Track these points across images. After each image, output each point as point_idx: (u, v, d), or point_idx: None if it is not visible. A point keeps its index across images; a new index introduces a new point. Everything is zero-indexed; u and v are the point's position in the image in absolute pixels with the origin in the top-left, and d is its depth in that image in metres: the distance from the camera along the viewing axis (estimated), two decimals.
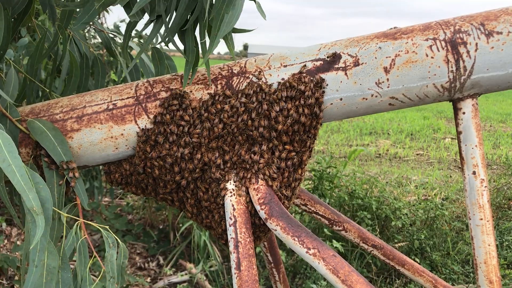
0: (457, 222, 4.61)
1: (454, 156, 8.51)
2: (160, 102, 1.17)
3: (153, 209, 4.82)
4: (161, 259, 4.31)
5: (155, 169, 1.18)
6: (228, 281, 4.00)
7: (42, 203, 0.88)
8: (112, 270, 1.03)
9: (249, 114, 1.12)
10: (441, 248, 4.30)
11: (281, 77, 1.14)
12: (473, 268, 3.99)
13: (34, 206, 0.81)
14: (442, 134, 10.43)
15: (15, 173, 0.81)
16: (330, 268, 1.01)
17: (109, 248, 1.05)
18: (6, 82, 1.26)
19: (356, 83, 1.11)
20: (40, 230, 0.81)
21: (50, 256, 0.91)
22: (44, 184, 0.91)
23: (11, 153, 0.83)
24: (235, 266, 1.06)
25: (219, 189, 1.15)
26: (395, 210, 4.46)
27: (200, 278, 3.82)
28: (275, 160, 1.15)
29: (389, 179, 6.46)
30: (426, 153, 8.69)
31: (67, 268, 0.99)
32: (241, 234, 1.08)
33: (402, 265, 1.57)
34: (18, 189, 0.80)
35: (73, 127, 1.18)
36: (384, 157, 8.40)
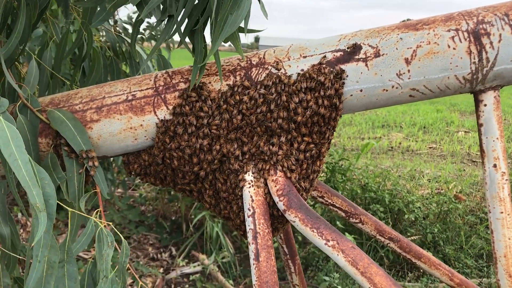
0: (470, 216, 4.57)
1: (467, 149, 8.42)
2: (179, 93, 1.17)
3: (166, 200, 4.85)
4: (174, 250, 4.35)
5: (174, 160, 1.18)
6: (240, 272, 4.02)
7: (46, 199, 0.87)
8: (106, 269, 1.01)
9: (268, 106, 1.12)
10: (454, 242, 4.27)
11: (301, 68, 1.13)
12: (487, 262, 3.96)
13: (38, 202, 0.81)
14: (455, 127, 10.32)
15: (21, 168, 0.81)
16: (349, 260, 1.01)
17: (106, 247, 1.03)
18: (27, 73, 1.27)
19: (376, 74, 1.10)
20: (42, 226, 0.81)
21: (52, 251, 0.92)
22: (49, 180, 0.90)
23: (18, 147, 0.83)
24: (254, 257, 1.06)
25: (237, 180, 1.15)
26: (408, 204, 4.44)
27: (213, 269, 3.84)
28: (294, 152, 1.14)
29: (401, 172, 6.42)
30: (439, 146, 8.61)
31: (73, 262, 0.98)
32: (260, 225, 1.09)
33: (418, 258, 1.56)
34: (23, 184, 0.80)
35: (93, 117, 1.19)
36: (397, 150, 8.35)
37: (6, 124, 0.87)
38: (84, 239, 1.00)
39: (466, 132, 9.82)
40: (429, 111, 11.98)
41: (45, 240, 0.88)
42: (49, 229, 0.88)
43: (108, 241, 1.00)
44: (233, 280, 3.91)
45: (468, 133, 9.77)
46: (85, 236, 1.00)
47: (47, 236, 0.87)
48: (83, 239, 1.01)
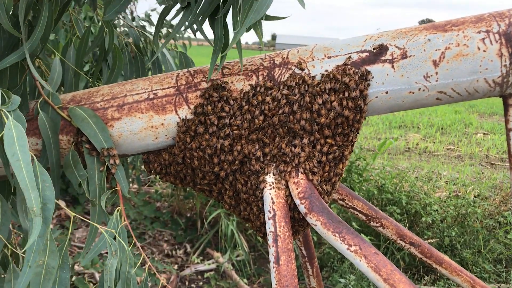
0: (489, 220, 4.49)
1: (486, 152, 8.28)
2: (201, 92, 1.16)
3: (181, 197, 4.87)
4: (188, 247, 4.36)
5: (194, 159, 1.17)
6: (255, 271, 4.01)
7: (44, 202, 0.85)
8: (110, 280, 0.99)
9: (290, 106, 1.10)
10: (472, 246, 4.20)
11: (325, 69, 1.11)
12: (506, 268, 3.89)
13: (34, 206, 0.79)
14: (473, 129, 10.16)
15: (22, 169, 0.79)
16: (372, 266, 0.98)
17: (110, 256, 1.01)
18: (51, 71, 1.27)
19: (403, 76, 1.07)
20: (35, 231, 0.78)
21: (51, 256, 0.90)
22: (50, 183, 0.87)
23: (22, 147, 0.81)
24: (274, 260, 1.05)
25: (258, 182, 1.13)
26: (425, 206, 4.38)
27: (227, 268, 3.84)
28: (316, 154, 1.12)
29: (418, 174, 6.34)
30: (457, 148, 8.49)
31: (67, 268, 0.95)
32: (280, 228, 1.07)
33: (439, 263, 1.53)
34: (21, 185, 0.78)
35: (114, 115, 1.18)
36: (414, 151, 8.25)
37: (14, 124, 0.85)
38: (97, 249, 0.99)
39: (485, 134, 9.66)
40: (447, 112, 11.82)
41: (38, 245, 0.85)
42: (43, 234, 0.85)
43: (112, 250, 0.98)
44: (247, 279, 3.90)
45: (487, 135, 9.61)
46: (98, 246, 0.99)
47: (40, 241, 0.85)
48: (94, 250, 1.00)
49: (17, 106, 0.86)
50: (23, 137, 0.80)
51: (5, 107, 0.84)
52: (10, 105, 0.85)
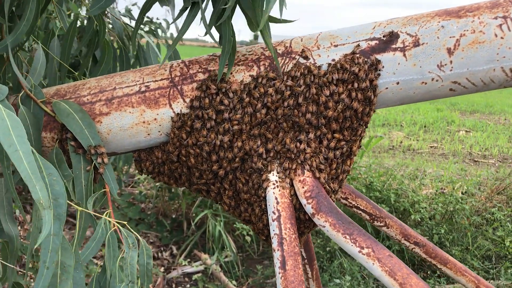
0: (476, 217, 4.49)
1: (469, 149, 8.36)
2: (198, 84, 1.07)
3: (166, 198, 4.75)
4: (175, 248, 4.25)
5: (191, 157, 1.08)
6: (243, 272, 3.92)
7: (55, 198, 0.78)
8: (132, 274, 0.93)
9: (295, 99, 1.02)
10: (460, 243, 4.19)
11: (332, 58, 1.04)
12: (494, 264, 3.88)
13: (41, 198, 0.71)
14: (456, 126, 10.26)
15: (22, 160, 0.70)
16: (386, 269, 0.91)
17: (128, 249, 0.94)
18: (34, 62, 1.17)
19: (415, 66, 1.00)
20: (47, 226, 0.70)
21: (65, 254, 0.82)
22: (58, 176, 0.80)
23: (19, 137, 0.72)
24: (280, 265, 0.97)
25: (260, 181, 1.05)
26: (414, 204, 4.36)
27: (215, 269, 3.75)
28: (323, 150, 1.04)
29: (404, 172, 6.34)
30: (441, 145, 8.54)
31: (79, 268, 0.88)
32: (286, 230, 0.99)
33: (444, 264, 1.47)
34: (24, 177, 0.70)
35: (102, 110, 1.09)
36: (398, 149, 8.28)
37: (7, 113, 0.77)
38: (95, 243, 0.90)
39: (467, 132, 9.76)
40: (429, 110, 11.92)
41: (54, 244, 0.77)
42: (59, 231, 0.78)
43: (129, 242, 0.90)
44: (235, 281, 3.81)
45: (469, 132, 9.71)
46: (96, 240, 0.90)
47: (56, 239, 0.77)
48: (94, 243, 0.91)
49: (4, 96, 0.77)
50: (19, 127, 0.71)
51: None
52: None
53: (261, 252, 4.28)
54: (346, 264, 3.77)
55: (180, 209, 4.68)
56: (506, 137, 9.19)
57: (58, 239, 0.76)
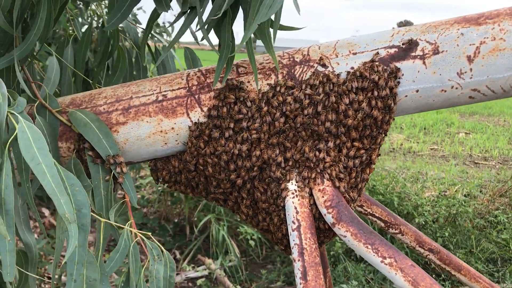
0: (479, 219, 4.49)
1: (469, 151, 8.36)
2: (215, 93, 1.06)
3: (169, 202, 4.74)
4: (178, 253, 4.23)
5: (209, 166, 1.08)
6: (247, 276, 3.91)
7: (78, 208, 0.77)
8: None
9: (314, 107, 1.02)
10: (464, 246, 4.19)
11: (350, 66, 1.03)
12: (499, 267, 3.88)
13: (66, 212, 0.70)
14: (456, 128, 10.27)
15: (45, 173, 0.70)
16: (409, 279, 0.90)
17: (153, 262, 0.94)
18: (47, 71, 1.16)
19: (435, 73, 1.00)
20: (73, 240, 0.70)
21: (89, 267, 0.81)
22: (80, 187, 0.79)
23: (41, 150, 0.72)
24: (301, 276, 0.96)
25: (279, 190, 1.04)
26: (417, 207, 4.36)
27: (220, 274, 3.73)
28: (342, 159, 1.04)
29: (405, 175, 6.34)
30: (441, 148, 8.54)
31: (106, 281, 0.87)
32: (306, 240, 0.98)
33: (458, 270, 1.47)
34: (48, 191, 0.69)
35: (119, 120, 1.08)
36: (398, 151, 8.27)
37: (27, 125, 0.77)
38: (119, 255, 0.89)
39: (467, 134, 9.76)
40: (429, 112, 11.92)
41: (80, 255, 0.77)
42: (84, 242, 0.77)
43: (154, 254, 0.89)
44: (239, 285, 3.80)
45: (468, 134, 9.72)
46: (120, 251, 0.89)
47: (82, 250, 0.76)
48: (117, 255, 0.90)
49: (23, 108, 0.76)
50: (41, 139, 0.70)
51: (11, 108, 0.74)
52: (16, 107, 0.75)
53: (265, 257, 4.27)
54: (350, 269, 3.76)
55: (182, 213, 4.66)
56: (506, 138, 9.20)
57: (83, 251, 0.76)
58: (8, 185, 0.80)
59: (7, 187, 0.80)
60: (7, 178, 0.80)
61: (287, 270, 3.91)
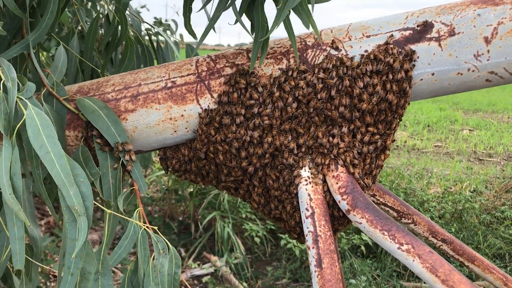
0: (486, 215, 4.46)
1: (473, 147, 8.33)
2: (225, 79, 1.04)
3: (173, 200, 4.72)
4: (183, 251, 4.21)
5: (219, 154, 1.05)
6: (252, 274, 3.89)
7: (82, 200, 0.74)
8: (162, 283, 0.88)
9: (328, 92, 0.99)
10: (470, 241, 4.16)
11: (364, 49, 1.01)
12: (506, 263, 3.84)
13: (76, 205, 0.68)
14: (459, 125, 10.22)
15: (54, 163, 0.67)
16: (427, 266, 0.88)
17: (158, 255, 0.91)
18: (55, 59, 1.14)
19: (451, 56, 0.97)
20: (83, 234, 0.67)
21: (87, 259, 0.78)
22: (85, 178, 0.77)
23: (50, 138, 0.69)
24: (316, 263, 0.93)
25: (292, 177, 1.02)
26: (423, 203, 4.33)
27: (226, 271, 3.71)
28: (357, 144, 1.01)
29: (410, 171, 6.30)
30: (445, 145, 8.50)
31: (108, 274, 0.84)
32: (321, 227, 0.96)
33: (471, 261, 1.44)
34: (57, 182, 0.67)
35: (128, 107, 1.06)
36: (402, 149, 8.24)
37: (36, 111, 0.74)
38: (123, 248, 0.86)
39: (471, 131, 9.72)
40: (432, 109, 11.87)
41: (80, 249, 0.74)
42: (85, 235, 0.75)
43: (159, 248, 0.86)
44: (245, 282, 3.78)
45: (472, 131, 9.67)
46: (125, 244, 0.86)
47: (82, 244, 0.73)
48: (122, 248, 0.87)
49: (32, 94, 0.74)
50: (50, 127, 0.68)
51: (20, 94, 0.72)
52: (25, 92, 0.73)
53: (270, 254, 4.25)
54: (356, 265, 3.74)
55: (187, 211, 4.64)
56: (510, 135, 9.15)
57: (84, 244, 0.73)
58: (16, 173, 0.78)
59: (15, 174, 0.78)
60: (15, 165, 0.78)
61: (293, 267, 3.88)
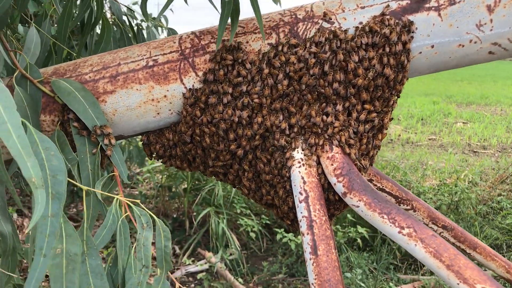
0: (482, 206, 4.43)
1: (467, 140, 8.32)
2: (211, 56, 0.97)
3: (167, 197, 4.65)
4: (177, 248, 4.14)
5: (206, 137, 0.99)
6: (248, 269, 3.83)
7: (53, 174, 0.65)
8: (145, 257, 0.82)
9: (321, 67, 0.93)
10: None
11: (359, 21, 0.94)
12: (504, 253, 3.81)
13: (33, 176, 0.60)
14: (453, 118, 10.22)
15: (11, 133, 0.59)
16: (430, 250, 0.82)
17: (142, 230, 0.84)
18: (26, 40, 1.06)
19: (452, 26, 0.91)
20: (39, 207, 0.59)
21: (70, 240, 0.70)
22: (56, 151, 0.68)
23: (7, 109, 0.61)
24: (311, 251, 0.87)
25: (284, 159, 0.95)
26: (419, 194, 4.29)
27: (221, 267, 3.64)
28: (352, 123, 0.95)
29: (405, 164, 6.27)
30: (439, 138, 8.49)
31: (95, 254, 0.77)
32: (315, 211, 0.89)
33: (473, 248, 1.38)
34: (13, 153, 0.59)
35: (106, 88, 0.99)
36: (397, 142, 8.21)
37: None
38: (106, 231, 0.79)
39: (464, 123, 9.72)
40: (425, 103, 11.86)
41: (52, 227, 0.65)
42: (58, 211, 0.65)
43: (142, 222, 0.79)
44: (241, 278, 3.72)
45: (466, 124, 9.67)
46: (107, 227, 0.80)
47: (55, 221, 0.65)
48: (100, 238, 0.80)
49: None
50: (8, 97, 0.60)
51: None
52: None
53: (266, 249, 4.19)
54: (352, 258, 3.69)
55: (181, 208, 4.58)
56: (503, 127, 9.16)
57: (57, 221, 0.64)
58: None
59: None
60: None
61: (289, 261, 3.83)
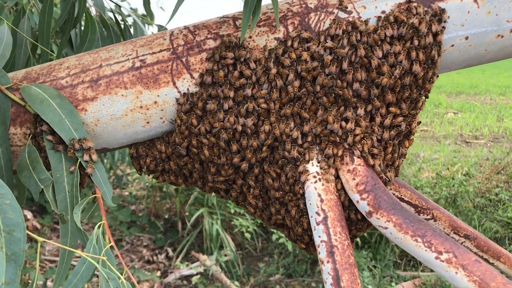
0: (480, 198, 4.35)
1: (459, 130, 8.28)
2: (208, 54, 0.83)
3: (158, 198, 4.50)
4: (170, 251, 4.01)
5: (204, 149, 0.85)
6: (244, 271, 3.71)
7: (8, 230, 0.54)
8: None
9: (338, 64, 0.79)
10: None
11: (381, 10, 0.81)
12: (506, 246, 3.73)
13: None
14: (443, 109, 10.20)
15: None
16: (475, 279, 0.69)
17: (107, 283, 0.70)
18: None
19: (490, 14, 0.78)
20: None
21: None
22: (12, 199, 0.55)
23: None
24: (332, 282, 0.74)
25: (296, 173, 0.82)
26: (417, 189, 4.20)
27: (216, 270, 3.52)
28: (376, 129, 0.82)
29: None
30: (431, 128, 8.44)
31: None
32: (336, 235, 0.76)
33: (497, 258, 1.27)
34: None
35: (86, 95, 0.84)
36: None
37: None
38: (77, 279, 0.65)
39: (455, 113, 9.68)
40: None
41: None
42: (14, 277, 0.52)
43: (105, 277, 0.64)
44: (237, 280, 3.59)
45: (457, 114, 9.64)
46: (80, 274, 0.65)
47: None
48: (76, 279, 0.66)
49: None
50: None
51: None
52: None
53: (261, 249, 4.07)
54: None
55: (173, 208, 4.43)
56: (494, 116, 9.14)
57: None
58: None
59: None
60: None
61: (286, 262, 3.71)
